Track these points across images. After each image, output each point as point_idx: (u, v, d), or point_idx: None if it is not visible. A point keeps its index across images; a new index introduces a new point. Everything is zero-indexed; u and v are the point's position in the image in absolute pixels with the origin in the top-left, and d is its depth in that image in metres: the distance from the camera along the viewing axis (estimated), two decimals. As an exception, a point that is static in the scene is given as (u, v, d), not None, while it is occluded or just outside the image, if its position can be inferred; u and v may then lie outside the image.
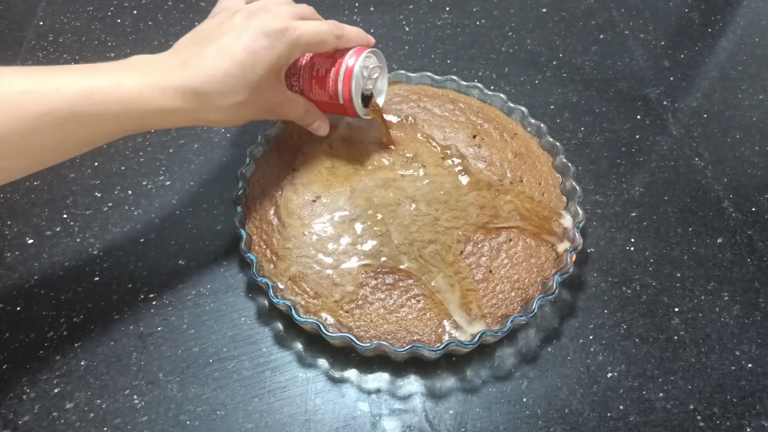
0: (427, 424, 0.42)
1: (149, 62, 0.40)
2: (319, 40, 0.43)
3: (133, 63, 0.39)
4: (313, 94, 0.46)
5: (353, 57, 0.45)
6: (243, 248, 0.45)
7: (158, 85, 0.38)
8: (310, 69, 0.46)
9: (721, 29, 0.72)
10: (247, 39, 0.40)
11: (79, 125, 0.36)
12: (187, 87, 0.39)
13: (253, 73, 0.40)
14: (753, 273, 0.51)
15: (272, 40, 0.40)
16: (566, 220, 0.49)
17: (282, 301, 0.42)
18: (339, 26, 0.45)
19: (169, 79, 0.38)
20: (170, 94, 0.38)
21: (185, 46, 0.42)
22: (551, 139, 0.54)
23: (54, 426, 0.41)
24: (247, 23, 0.41)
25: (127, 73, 0.38)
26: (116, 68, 0.38)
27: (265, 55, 0.40)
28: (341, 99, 0.45)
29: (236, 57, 0.39)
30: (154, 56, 0.41)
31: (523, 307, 0.44)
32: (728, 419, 0.43)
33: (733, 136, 0.61)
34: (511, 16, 0.72)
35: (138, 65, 0.39)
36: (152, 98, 0.38)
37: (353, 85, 0.45)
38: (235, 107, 0.41)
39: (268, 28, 0.40)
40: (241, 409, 0.42)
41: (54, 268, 0.48)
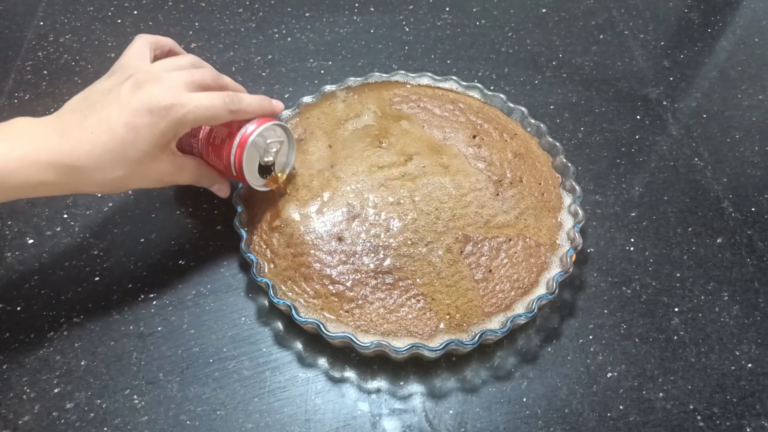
0: (427, 424, 0.42)
1: (27, 129, 0.38)
2: (209, 115, 0.40)
3: (9, 130, 0.38)
4: (210, 160, 0.45)
5: (251, 127, 0.43)
6: (243, 248, 0.45)
7: (31, 158, 0.36)
8: (207, 135, 0.44)
9: (720, 29, 0.72)
10: (129, 114, 0.38)
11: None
12: (62, 162, 0.37)
13: (134, 149, 0.39)
14: (753, 273, 0.51)
15: (155, 117, 0.38)
16: (566, 220, 0.49)
17: (282, 301, 0.42)
18: (236, 100, 0.42)
19: (44, 150, 0.37)
20: (43, 168, 0.37)
21: (70, 112, 0.40)
22: (551, 139, 0.54)
23: (54, 426, 0.41)
24: (132, 95, 0.39)
25: (1, 141, 0.36)
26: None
27: (147, 132, 0.38)
28: (233, 170, 0.44)
29: (116, 133, 0.38)
30: (34, 122, 0.39)
31: (522, 307, 0.44)
32: (728, 419, 0.43)
33: (733, 136, 0.61)
34: (511, 16, 0.72)
35: (13, 133, 0.37)
36: (22, 172, 0.36)
37: (244, 157, 0.43)
38: (113, 182, 0.40)
39: (152, 104, 0.38)
40: (241, 409, 0.42)
41: (54, 268, 0.48)
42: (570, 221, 0.48)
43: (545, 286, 0.45)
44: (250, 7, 0.72)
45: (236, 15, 0.71)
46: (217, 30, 0.69)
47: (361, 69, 0.65)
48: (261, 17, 0.70)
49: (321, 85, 0.57)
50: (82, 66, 0.64)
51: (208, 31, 0.68)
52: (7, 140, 0.37)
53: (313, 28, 0.69)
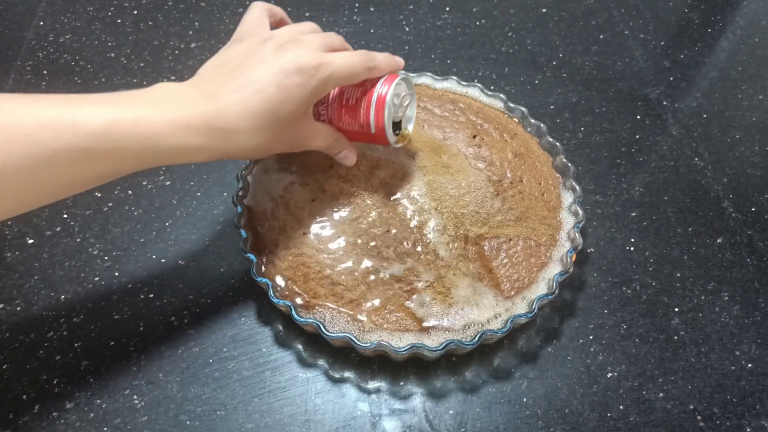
0: (427, 424, 0.42)
1: (172, 94, 0.37)
2: (351, 73, 0.41)
3: (156, 95, 0.37)
4: (342, 124, 0.44)
5: (385, 85, 0.43)
6: (243, 248, 0.45)
7: (181, 122, 0.36)
8: (339, 98, 0.44)
9: (721, 29, 0.72)
10: (279, 74, 0.37)
11: (95, 162, 0.34)
12: (213, 125, 0.37)
13: (284, 110, 0.38)
14: (753, 273, 0.51)
15: (305, 77, 0.38)
16: (566, 220, 0.49)
17: (282, 301, 0.42)
18: (371, 57, 0.42)
19: (194, 115, 0.36)
20: (194, 132, 0.36)
21: (212, 76, 0.39)
22: (551, 139, 0.54)
23: (54, 426, 0.41)
24: (278, 56, 0.38)
25: (149, 107, 0.35)
26: (137, 101, 0.36)
27: (297, 92, 0.38)
28: (373, 129, 0.43)
29: (267, 93, 0.37)
30: (179, 87, 0.38)
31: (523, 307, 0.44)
32: (728, 419, 0.43)
33: (733, 136, 0.61)
34: (511, 16, 0.72)
35: (161, 98, 0.37)
36: (174, 136, 0.36)
37: (386, 114, 0.43)
38: (261, 144, 0.39)
39: (301, 64, 0.38)
40: (241, 409, 0.42)
41: (54, 268, 0.48)
42: (570, 221, 0.48)
43: (545, 285, 0.45)
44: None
45: (236, 15, 0.71)
46: (217, 30, 0.68)
47: (361, 69, 0.65)
48: (261, 17, 0.70)
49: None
50: (82, 66, 0.64)
51: (208, 31, 0.68)
52: (158, 105, 0.36)
53: (313, 28, 0.69)
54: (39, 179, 0.33)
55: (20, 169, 0.32)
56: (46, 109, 0.33)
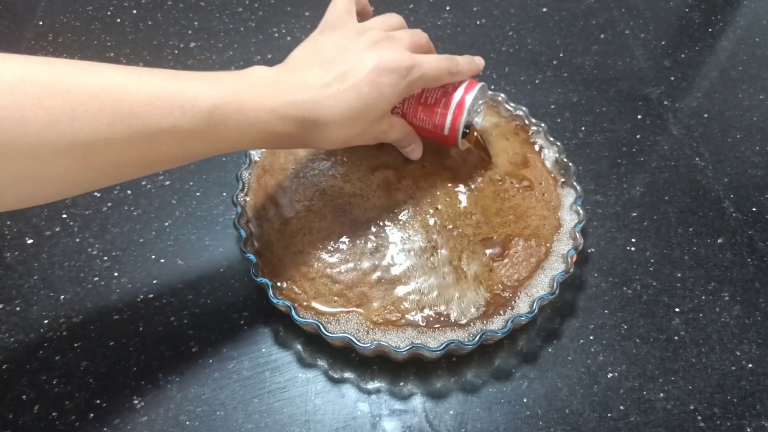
0: (427, 425, 0.42)
1: (272, 80, 0.38)
2: (437, 77, 0.42)
3: (256, 80, 0.37)
4: (416, 120, 0.46)
5: (464, 90, 0.44)
6: (243, 248, 0.45)
7: (280, 111, 0.37)
8: (418, 96, 0.45)
9: (721, 29, 0.72)
10: (374, 72, 0.38)
11: (196, 143, 0.35)
12: (308, 116, 0.37)
13: (375, 108, 0.39)
14: (753, 273, 0.51)
15: (397, 77, 0.39)
16: (567, 220, 0.49)
17: (282, 301, 0.42)
18: (455, 62, 0.44)
19: (291, 104, 0.37)
20: (289, 121, 0.37)
21: (306, 65, 0.40)
22: (552, 138, 0.53)
23: (54, 426, 0.41)
24: (373, 53, 0.39)
25: (251, 93, 0.36)
26: (240, 86, 0.36)
27: (388, 91, 0.39)
28: (447, 130, 0.45)
29: (361, 91, 0.38)
30: (276, 72, 0.39)
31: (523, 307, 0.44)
32: (728, 419, 0.43)
33: (734, 136, 0.61)
34: (511, 16, 0.72)
35: (261, 84, 0.37)
36: (271, 124, 0.37)
37: (463, 118, 0.44)
38: (346, 138, 0.40)
39: (395, 64, 0.39)
40: (241, 410, 0.42)
41: (54, 268, 0.48)
42: (571, 221, 0.48)
43: (546, 285, 0.45)
44: (249, 6, 0.71)
45: (236, 14, 0.70)
46: (216, 29, 0.68)
47: (362, 69, 0.65)
48: (261, 17, 0.70)
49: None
50: (82, 66, 0.64)
51: (207, 30, 0.68)
52: (258, 90, 0.36)
53: (313, 28, 0.68)
54: (141, 154, 0.34)
55: (124, 144, 0.32)
56: (155, 85, 0.33)
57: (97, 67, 0.33)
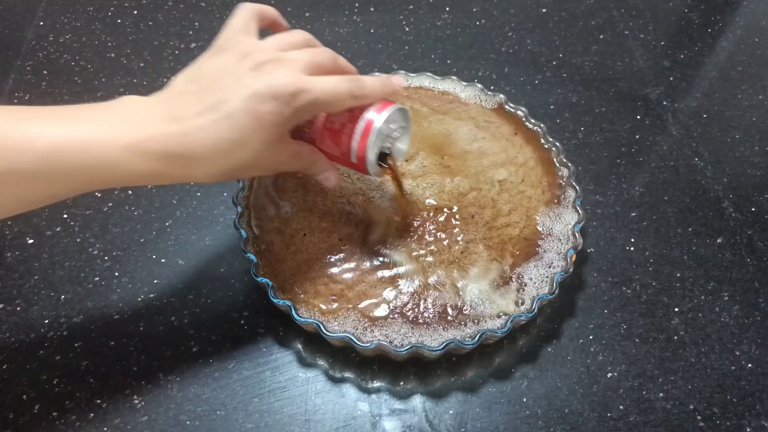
0: (427, 424, 0.42)
1: (135, 112, 0.34)
2: (334, 102, 0.37)
3: (117, 112, 0.34)
4: (324, 146, 0.41)
5: (375, 112, 0.39)
6: (243, 248, 0.45)
7: (136, 146, 0.33)
8: (324, 120, 0.40)
9: (721, 29, 0.72)
10: (252, 100, 0.34)
11: (40, 184, 0.32)
12: (173, 150, 0.34)
13: (255, 138, 0.35)
14: (753, 273, 0.51)
15: (280, 104, 0.34)
16: (566, 220, 0.49)
17: (282, 301, 0.42)
18: (360, 86, 0.38)
19: (152, 139, 0.33)
20: (149, 158, 0.33)
21: (181, 93, 0.36)
22: (551, 138, 0.54)
23: (54, 426, 0.41)
24: (254, 77, 0.35)
25: (104, 127, 0.33)
26: (93, 118, 0.33)
27: (269, 120, 0.34)
28: (354, 158, 0.40)
29: (236, 120, 0.34)
30: (144, 103, 0.35)
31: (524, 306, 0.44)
32: (728, 419, 0.43)
33: (733, 136, 0.61)
34: (511, 16, 0.72)
35: (121, 117, 0.34)
36: (126, 161, 0.33)
37: (369, 144, 0.39)
38: (225, 173, 0.36)
39: (278, 89, 0.34)
40: (241, 409, 0.42)
41: (54, 268, 0.48)
42: (570, 221, 0.48)
43: (546, 285, 0.45)
44: (250, 7, 0.71)
45: (236, 15, 0.70)
46: (217, 30, 0.68)
47: (361, 69, 0.65)
48: (261, 17, 0.70)
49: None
50: (82, 66, 0.64)
51: (208, 31, 0.68)
52: (114, 125, 0.33)
53: (313, 28, 0.69)
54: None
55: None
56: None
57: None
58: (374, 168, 0.41)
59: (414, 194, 0.48)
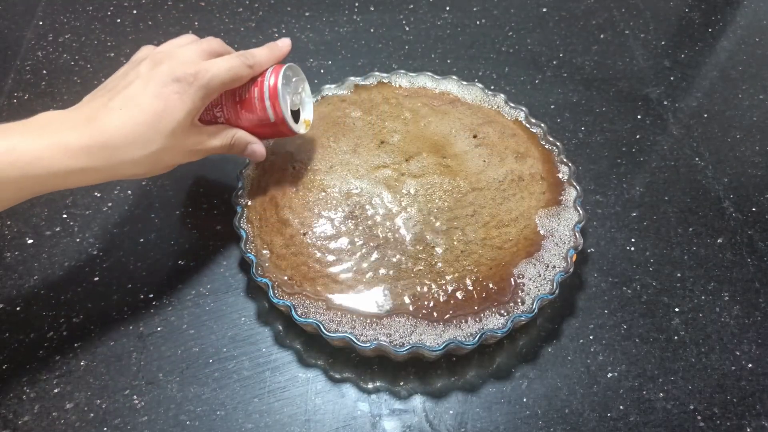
0: (427, 424, 0.42)
1: (51, 120, 0.37)
2: (232, 75, 0.41)
3: (34, 122, 0.37)
4: (241, 121, 0.45)
5: (272, 75, 0.44)
6: (243, 248, 0.45)
7: (60, 144, 0.36)
8: (232, 97, 0.44)
9: (721, 29, 0.72)
10: (155, 86, 0.38)
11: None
12: (94, 143, 0.37)
13: (167, 119, 0.39)
14: (753, 273, 0.51)
15: (183, 85, 0.39)
16: (566, 219, 0.49)
17: (282, 301, 0.42)
18: (249, 55, 0.43)
19: (73, 136, 0.36)
20: (75, 153, 0.36)
21: (90, 100, 0.40)
22: (551, 139, 0.53)
23: (54, 426, 0.41)
24: (153, 70, 0.39)
25: (25, 135, 0.35)
26: (13, 130, 0.36)
27: (176, 100, 0.39)
28: (272, 117, 0.44)
29: (144, 105, 0.38)
30: (58, 113, 0.38)
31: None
32: (728, 419, 0.43)
33: (734, 136, 0.61)
34: (511, 16, 0.72)
35: (38, 125, 0.37)
36: (54, 160, 0.36)
37: (281, 102, 0.43)
38: (149, 158, 0.39)
39: (177, 73, 0.39)
40: (241, 409, 0.42)
41: (54, 268, 0.48)
42: (570, 221, 0.48)
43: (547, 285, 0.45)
44: (250, 6, 0.72)
45: (236, 15, 0.71)
46: (217, 30, 0.68)
47: (361, 69, 0.65)
48: (261, 17, 0.70)
49: (321, 85, 0.57)
50: (82, 66, 0.64)
51: (208, 30, 0.68)
52: (31, 132, 0.36)
53: (313, 28, 0.69)
54: None
55: None
56: None
57: None
58: (293, 123, 0.46)
59: (415, 193, 0.48)
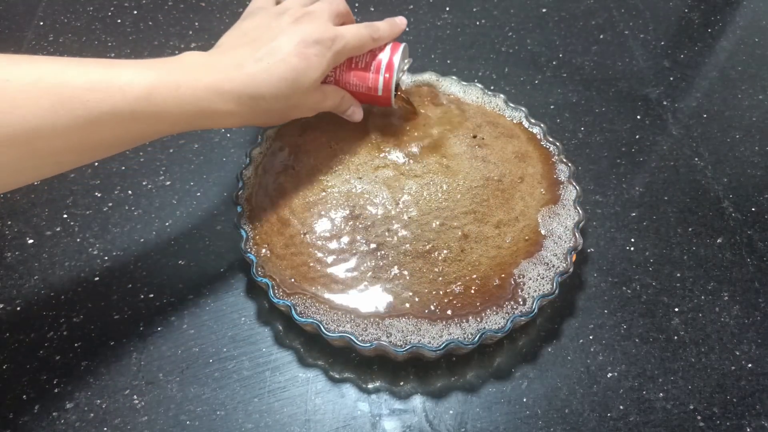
0: (427, 424, 0.42)
1: (204, 62, 0.40)
2: (361, 45, 0.45)
3: (189, 62, 0.39)
4: (349, 86, 0.48)
5: (391, 52, 0.47)
6: (243, 248, 0.45)
7: (215, 88, 0.39)
8: (348, 63, 0.47)
9: (721, 29, 0.72)
10: (300, 45, 0.41)
11: (137, 124, 0.37)
12: (244, 91, 0.39)
13: (306, 78, 0.41)
14: (753, 273, 0.51)
15: (323, 48, 0.42)
16: (566, 219, 0.49)
17: (282, 301, 0.42)
18: (375, 29, 0.47)
19: (226, 81, 0.39)
20: (227, 98, 0.39)
21: (235, 46, 0.42)
22: (551, 139, 0.54)
23: (54, 426, 0.41)
24: (296, 27, 0.42)
25: (186, 73, 0.38)
26: (174, 68, 0.38)
27: (316, 61, 0.42)
28: (380, 91, 0.48)
29: (290, 62, 0.40)
30: (208, 55, 0.41)
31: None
32: (728, 419, 0.43)
33: (733, 136, 0.61)
34: (511, 16, 0.72)
35: (194, 65, 0.39)
36: (209, 101, 0.38)
37: (393, 78, 0.47)
38: (284, 111, 0.43)
39: (319, 36, 0.42)
40: (241, 409, 0.42)
41: (54, 268, 0.48)
42: (570, 221, 0.48)
43: (546, 285, 0.45)
44: (250, 7, 0.72)
45: (236, 15, 0.70)
46: (217, 30, 0.68)
47: (361, 69, 0.65)
48: (261, 17, 0.70)
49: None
50: (82, 66, 0.64)
51: (208, 31, 0.68)
52: (193, 71, 0.38)
53: (313, 28, 0.69)
54: (84, 139, 0.35)
55: (67, 129, 0.34)
56: (92, 72, 0.35)
57: (32, 57, 0.34)
58: (394, 97, 0.49)
59: (415, 193, 0.48)
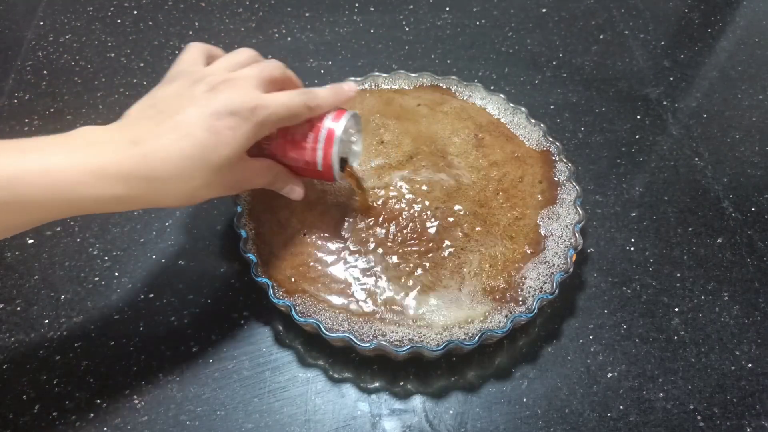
0: (427, 424, 0.42)
1: (94, 139, 0.34)
2: (290, 115, 0.38)
3: (75, 140, 0.34)
4: (286, 159, 0.42)
5: (334, 121, 0.41)
6: (243, 248, 0.45)
7: (97, 171, 0.33)
8: (283, 133, 0.41)
9: (721, 29, 0.72)
10: (211, 117, 0.35)
11: (3, 214, 0.32)
12: (133, 173, 0.34)
13: (215, 154, 0.35)
14: (753, 273, 0.51)
15: (239, 120, 0.36)
16: (566, 220, 0.49)
17: (282, 301, 0.42)
18: (312, 96, 0.40)
19: (113, 162, 0.33)
20: (111, 181, 0.33)
21: (138, 119, 0.36)
22: (551, 138, 0.54)
23: (54, 426, 0.41)
24: (210, 97, 0.36)
25: (62, 154, 0.33)
26: (51, 146, 0.33)
27: (229, 135, 0.35)
28: (320, 166, 0.41)
29: (196, 137, 0.35)
30: (102, 130, 0.35)
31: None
32: (728, 419, 0.43)
33: (733, 136, 0.61)
34: (511, 16, 0.72)
35: (79, 144, 0.34)
36: (88, 186, 0.33)
37: (334, 152, 0.40)
38: (188, 192, 0.36)
39: (235, 106, 0.36)
40: (241, 409, 0.42)
41: (54, 268, 0.48)
42: (570, 221, 0.48)
43: (546, 285, 0.45)
44: (250, 7, 0.72)
45: (236, 15, 0.71)
46: (217, 30, 0.69)
47: (361, 69, 0.65)
48: (261, 17, 0.70)
49: (321, 85, 0.57)
50: (82, 66, 0.64)
51: (208, 31, 0.68)
52: (74, 152, 0.33)
53: (313, 28, 0.69)
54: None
55: None
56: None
57: None
58: (338, 172, 0.42)
59: (415, 194, 0.48)
